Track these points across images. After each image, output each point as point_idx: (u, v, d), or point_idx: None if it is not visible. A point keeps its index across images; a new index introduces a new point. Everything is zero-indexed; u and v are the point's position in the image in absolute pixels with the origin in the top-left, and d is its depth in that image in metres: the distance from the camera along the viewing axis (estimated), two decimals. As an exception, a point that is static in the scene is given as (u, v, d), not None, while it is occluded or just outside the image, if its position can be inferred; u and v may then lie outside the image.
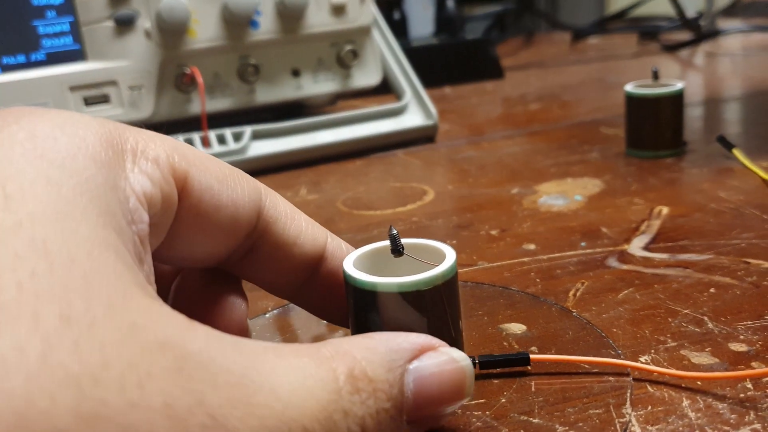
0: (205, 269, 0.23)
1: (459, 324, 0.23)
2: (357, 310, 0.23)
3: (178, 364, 0.14)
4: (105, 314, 0.14)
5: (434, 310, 0.22)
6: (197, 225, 0.20)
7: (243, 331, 0.22)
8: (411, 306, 0.22)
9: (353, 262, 0.23)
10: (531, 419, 0.22)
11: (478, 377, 0.24)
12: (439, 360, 0.19)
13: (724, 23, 1.13)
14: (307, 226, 0.23)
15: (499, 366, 0.24)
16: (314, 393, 0.16)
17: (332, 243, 0.24)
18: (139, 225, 0.17)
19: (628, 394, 0.23)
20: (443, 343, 0.20)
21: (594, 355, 0.25)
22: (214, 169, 0.20)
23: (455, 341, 0.23)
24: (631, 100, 0.50)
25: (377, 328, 0.22)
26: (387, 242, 0.23)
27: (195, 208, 0.20)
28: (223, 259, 0.22)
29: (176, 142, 0.20)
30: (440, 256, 0.23)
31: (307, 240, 0.23)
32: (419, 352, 0.19)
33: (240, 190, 0.21)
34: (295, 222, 0.23)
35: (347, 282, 0.23)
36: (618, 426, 0.21)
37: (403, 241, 0.23)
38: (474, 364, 0.24)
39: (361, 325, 0.23)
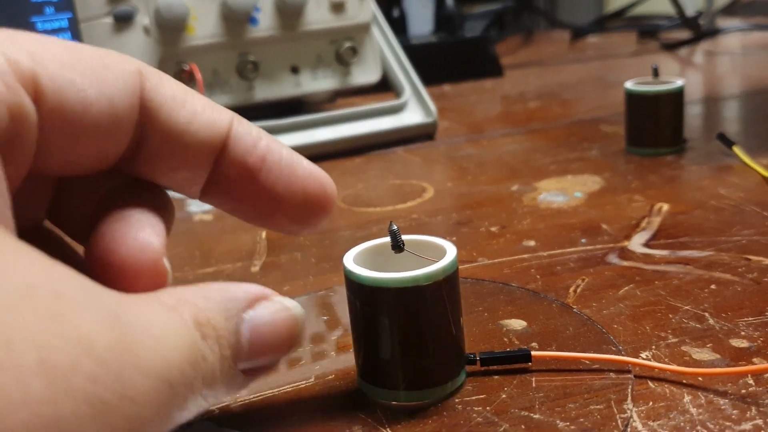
0: (110, 195, 0.20)
1: (460, 320, 0.23)
2: (357, 305, 0.23)
3: (54, 310, 0.13)
4: None
5: (435, 305, 0.22)
6: (66, 130, 0.17)
7: (159, 272, 0.18)
8: (411, 301, 0.22)
9: (354, 258, 0.23)
10: (532, 415, 0.22)
11: (478, 373, 0.24)
12: (273, 309, 0.18)
13: (723, 22, 1.13)
14: (204, 109, 0.20)
15: (500, 363, 0.24)
16: (178, 338, 0.15)
17: (239, 128, 0.20)
18: None
19: (629, 390, 0.22)
20: (275, 292, 0.19)
21: (595, 352, 0.25)
22: (72, 61, 0.17)
23: (456, 337, 0.23)
24: (631, 98, 0.50)
25: (378, 323, 0.22)
26: (388, 238, 0.23)
27: (57, 111, 0.17)
28: (113, 160, 0.19)
29: (17, 34, 0.17)
30: (441, 252, 0.23)
31: (203, 125, 0.19)
32: (253, 301, 0.18)
33: (112, 79, 0.18)
34: (186, 106, 0.19)
35: (348, 278, 0.23)
36: (619, 421, 0.21)
37: (404, 237, 0.23)
38: (475, 360, 0.24)
39: (361, 321, 0.23)
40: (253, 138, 0.20)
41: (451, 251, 0.23)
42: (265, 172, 0.20)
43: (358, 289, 0.22)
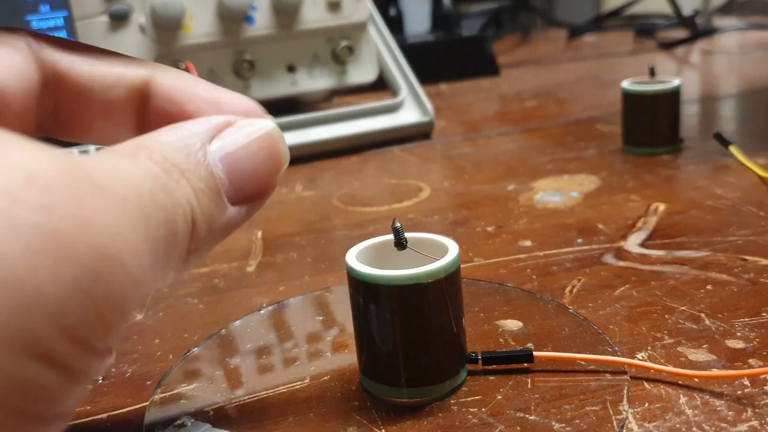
0: None
1: (461, 318, 0.23)
2: (360, 302, 0.23)
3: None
4: None
5: (436, 303, 0.22)
6: None
7: None
8: (413, 299, 0.22)
9: (356, 256, 0.23)
10: (527, 416, 0.22)
11: (474, 374, 0.24)
12: (242, 132, 0.18)
13: (720, 21, 1.13)
14: (112, 64, 0.20)
15: (502, 362, 0.24)
16: (138, 169, 0.15)
17: (163, 75, 0.20)
18: None
19: (625, 391, 0.22)
20: (239, 117, 0.18)
21: (590, 352, 0.25)
22: None
23: (457, 335, 0.23)
24: (628, 97, 0.50)
25: (380, 320, 0.22)
26: (390, 236, 0.23)
27: None
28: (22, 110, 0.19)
29: None
30: (443, 250, 0.23)
31: (109, 79, 0.19)
32: (217, 131, 0.17)
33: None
34: (92, 64, 0.19)
35: (350, 275, 0.23)
36: (615, 423, 0.21)
37: (406, 234, 0.23)
38: (477, 359, 0.24)
39: (362, 318, 0.23)
40: (177, 87, 0.20)
41: (453, 249, 0.23)
42: (191, 115, 0.20)
43: (360, 286, 0.22)
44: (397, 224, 0.23)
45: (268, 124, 0.18)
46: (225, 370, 0.26)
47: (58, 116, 0.19)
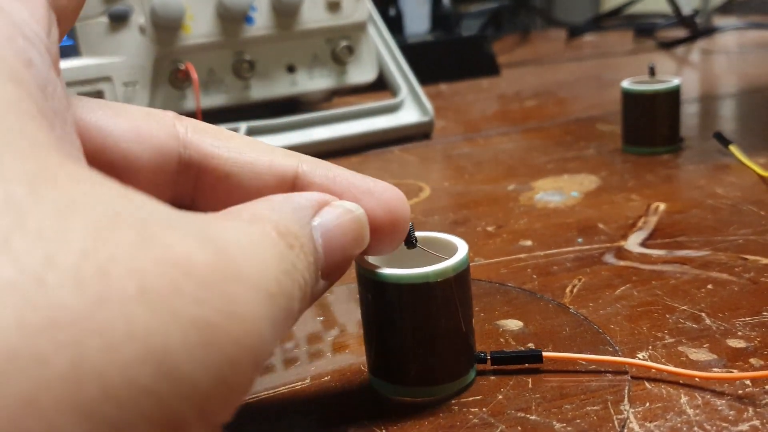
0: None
1: (470, 318, 0.23)
2: (368, 300, 0.23)
3: (143, 235, 0.12)
4: (32, 195, 0.11)
5: (445, 303, 0.22)
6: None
7: None
8: (421, 298, 0.22)
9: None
10: (528, 416, 0.22)
11: (478, 372, 0.24)
12: (338, 212, 0.19)
13: (719, 20, 1.13)
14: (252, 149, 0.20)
15: (512, 362, 0.24)
16: (267, 249, 0.15)
17: (312, 166, 0.21)
18: (38, 63, 0.14)
19: (626, 391, 0.22)
20: (333, 197, 0.19)
21: (591, 352, 0.25)
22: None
23: (466, 335, 0.23)
24: (628, 96, 0.50)
25: (389, 319, 0.22)
26: None
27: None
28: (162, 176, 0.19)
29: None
30: (452, 249, 0.23)
31: (260, 166, 0.20)
32: (319, 208, 0.18)
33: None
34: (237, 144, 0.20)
35: (358, 273, 0.23)
36: (616, 423, 0.21)
37: (416, 234, 0.23)
38: (486, 359, 0.24)
39: (371, 316, 0.23)
40: (329, 177, 0.21)
41: (462, 248, 0.23)
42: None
43: (369, 284, 0.22)
44: (409, 223, 0.23)
45: (357, 207, 0.20)
46: (225, 371, 0.26)
47: (200, 196, 0.20)
